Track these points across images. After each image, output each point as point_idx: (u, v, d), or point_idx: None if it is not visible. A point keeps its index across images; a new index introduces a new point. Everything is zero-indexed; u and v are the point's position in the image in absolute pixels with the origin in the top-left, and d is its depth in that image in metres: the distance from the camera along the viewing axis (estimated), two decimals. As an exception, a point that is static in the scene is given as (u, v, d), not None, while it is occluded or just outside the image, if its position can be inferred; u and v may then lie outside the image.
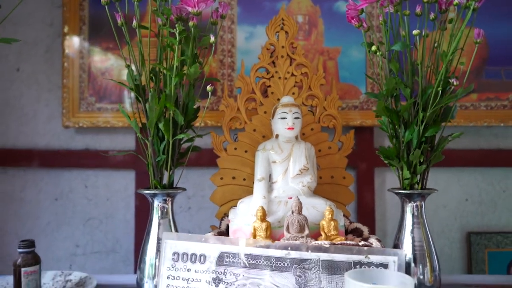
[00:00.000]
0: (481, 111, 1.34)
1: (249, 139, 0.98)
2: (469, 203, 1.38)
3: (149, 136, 0.79)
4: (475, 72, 1.34)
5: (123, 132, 1.36)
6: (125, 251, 1.36)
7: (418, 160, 0.79)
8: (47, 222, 1.36)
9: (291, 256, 0.70)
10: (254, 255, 0.71)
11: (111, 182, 1.37)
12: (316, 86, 0.99)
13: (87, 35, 1.33)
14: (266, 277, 0.70)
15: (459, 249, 1.37)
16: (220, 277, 0.71)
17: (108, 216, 1.37)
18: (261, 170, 0.88)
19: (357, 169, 1.34)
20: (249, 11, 1.34)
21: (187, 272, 0.71)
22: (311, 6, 1.35)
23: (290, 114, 0.88)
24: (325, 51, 1.33)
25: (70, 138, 1.36)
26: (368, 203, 1.33)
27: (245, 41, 1.33)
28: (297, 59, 1.00)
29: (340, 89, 1.32)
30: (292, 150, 0.88)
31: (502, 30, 1.34)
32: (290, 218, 0.79)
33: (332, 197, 0.92)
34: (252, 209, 0.82)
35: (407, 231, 0.83)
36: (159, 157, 0.80)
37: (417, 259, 0.81)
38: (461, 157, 1.37)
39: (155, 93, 0.76)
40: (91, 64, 1.33)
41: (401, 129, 0.80)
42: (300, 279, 0.70)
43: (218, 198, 0.97)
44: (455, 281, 1.05)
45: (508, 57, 1.34)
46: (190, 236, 0.72)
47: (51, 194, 1.36)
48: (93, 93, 1.33)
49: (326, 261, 0.70)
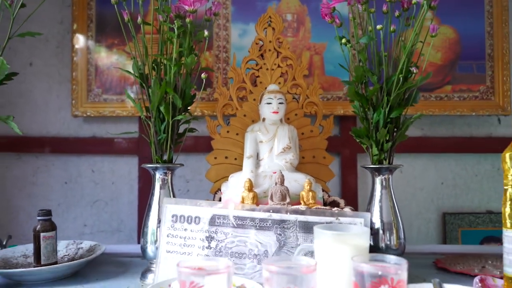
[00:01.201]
0: (454, 101, 1.46)
1: (240, 123, 1.10)
2: (444, 186, 1.50)
3: (152, 118, 0.92)
4: (449, 65, 1.46)
5: (127, 121, 1.49)
6: (129, 230, 1.48)
7: (384, 138, 0.91)
8: (58, 203, 1.48)
9: (273, 218, 0.83)
10: (241, 217, 0.83)
11: (116, 167, 1.49)
12: (300, 76, 1.12)
13: (94, 32, 1.45)
14: (251, 235, 0.82)
15: (435, 228, 1.50)
16: (212, 236, 0.83)
17: (113, 198, 1.49)
18: (249, 148, 1.00)
19: (341, 154, 1.47)
20: (242, 10, 1.46)
21: (184, 231, 0.84)
22: (299, 5, 1.47)
23: (275, 100, 1.00)
24: (312, 46, 1.45)
25: (79, 127, 1.49)
26: (351, 186, 1.45)
27: (238, 37, 1.45)
28: (283, 53, 1.12)
29: (325, 81, 1.44)
30: (277, 131, 1.01)
31: (473, 27, 1.46)
32: (273, 189, 0.91)
33: (313, 174, 1.04)
34: (241, 181, 0.94)
35: (376, 201, 0.95)
36: (160, 135, 0.92)
37: (385, 226, 0.93)
38: (437, 144, 1.49)
39: (157, 80, 0.88)
40: (98, 58, 1.46)
41: (370, 111, 0.92)
42: (280, 237, 0.82)
43: (212, 175, 1.09)
44: (420, 250, 1.18)
45: (479, 52, 1.46)
46: (187, 201, 0.85)
47: (61, 178, 1.49)
48: (100, 85, 1.46)
49: (302, 222, 0.82)
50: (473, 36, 1.46)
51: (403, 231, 0.95)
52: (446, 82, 1.46)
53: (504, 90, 1.44)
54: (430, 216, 1.50)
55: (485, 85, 1.45)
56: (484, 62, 1.46)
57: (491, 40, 1.46)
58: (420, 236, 1.48)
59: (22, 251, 1.04)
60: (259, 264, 0.81)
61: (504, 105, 1.44)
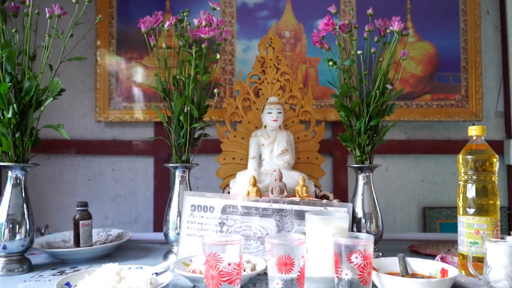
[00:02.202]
0: (433, 108, 1.65)
1: (245, 129, 1.29)
2: (425, 184, 1.70)
3: (173, 125, 1.11)
4: (428, 77, 1.66)
5: (144, 125, 1.68)
6: (145, 221, 1.67)
7: (365, 142, 1.10)
8: (82, 198, 1.66)
9: (273, 207, 1.02)
10: (247, 207, 1.02)
11: (134, 167, 1.69)
12: (296, 89, 1.31)
13: (115, 47, 1.65)
14: (255, 222, 1.02)
15: (416, 221, 1.69)
16: (224, 222, 1.02)
17: (131, 194, 1.68)
18: (253, 151, 1.20)
19: (333, 156, 1.66)
20: (246, 28, 1.66)
21: (201, 218, 1.03)
22: (296, 24, 1.66)
23: (275, 110, 1.20)
24: (308, 60, 1.65)
25: (101, 131, 1.68)
26: (342, 182, 1.64)
27: (242, 52, 1.65)
28: (282, 69, 1.31)
29: (319, 91, 1.63)
30: (276, 136, 1.20)
31: (450, 42, 1.66)
32: (273, 184, 1.10)
33: (307, 172, 1.24)
34: (247, 178, 1.13)
35: (359, 194, 1.14)
36: (179, 140, 1.11)
37: (366, 215, 1.12)
38: (419, 146, 1.69)
39: (178, 94, 1.07)
40: (118, 70, 1.65)
41: (353, 120, 1.12)
42: (279, 222, 1.01)
43: (221, 173, 1.28)
44: (399, 237, 1.37)
45: (454, 64, 1.65)
46: (203, 193, 1.04)
47: (85, 176, 1.68)
48: (120, 94, 1.65)
49: (297, 211, 1.02)
50: (450, 50, 1.66)
51: (382, 220, 1.14)
52: (426, 91, 1.66)
53: (477, 98, 1.64)
54: (412, 210, 1.69)
55: (460, 94, 1.65)
56: (459, 74, 1.65)
57: (466, 54, 1.65)
58: (403, 228, 1.68)
59: (61, 237, 1.23)
60: (262, 244, 1.00)
61: (477, 112, 1.64)
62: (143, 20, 1.07)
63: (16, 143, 0.99)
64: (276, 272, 0.74)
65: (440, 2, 1.66)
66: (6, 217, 0.98)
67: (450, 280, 0.77)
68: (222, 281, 0.73)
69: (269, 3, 1.66)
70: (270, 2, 1.66)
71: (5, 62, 0.95)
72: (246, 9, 1.66)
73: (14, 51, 0.96)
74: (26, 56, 0.99)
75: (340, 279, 0.76)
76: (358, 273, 0.75)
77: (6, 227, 0.97)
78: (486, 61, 1.70)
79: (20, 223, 0.99)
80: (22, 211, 1.00)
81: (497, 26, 1.72)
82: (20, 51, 1.00)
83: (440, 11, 1.66)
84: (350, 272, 0.75)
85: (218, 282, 0.73)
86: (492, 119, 1.70)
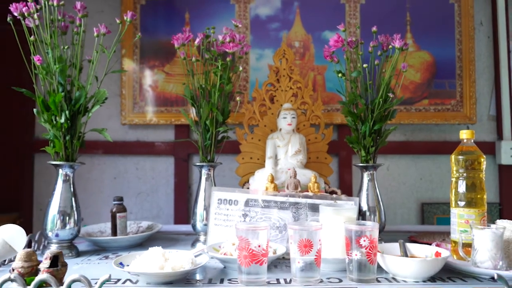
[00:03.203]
0: (431, 113, 1.80)
1: (261, 132, 1.44)
2: (423, 181, 1.85)
3: (200, 129, 1.26)
4: (426, 83, 1.81)
5: (164, 128, 1.83)
6: (166, 216, 1.82)
7: (370, 144, 1.25)
8: (108, 195, 1.82)
9: (289, 201, 1.17)
10: (267, 200, 1.17)
11: (156, 165, 1.84)
12: (307, 96, 1.46)
13: (139, 56, 1.79)
14: (274, 213, 1.16)
15: (415, 215, 1.84)
16: (247, 213, 1.17)
17: (153, 190, 1.83)
18: (270, 151, 1.34)
19: (339, 155, 1.81)
20: (259, 39, 1.80)
21: (226, 210, 1.18)
22: (305, 35, 1.81)
23: (289, 115, 1.35)
24: (315, 68, 1.80)
25: (125, 133, 1.83)
26: (347, 181, 1.79)
27: (256, 60, 1.79)
28: (294, 77, 1.46)
29: (326, 96, 1.78)
30: (290, 138, 1.35)
31: (446, 52, 1.81)
32: (289, 181, 1.25)
33: (317, 171, 1.38)
34: (265, 176, 1.28)
35: (364, 190, 1.28)
36: (206, 142, 1.26)
37: (370, 209, 1.26)
38: (417, 147, 1.84)
39: (205, 102, 1.22)
40: (142, 77, 1.80)
41: (359, 124, 1.26)
42: (295, 214, 1.16)
43: (240, 171, 1.43)
44: (400, 229, 1.52)
45: (450, 72, 1.80)
46: (228, 189, 1.19)
47: (111, 174, 1.83)
48: (143, 99, 1.80)
49: (311, 204, 1.16)
50: (446, 59, 1.81)
51: (384, 213, 1.28)
52: (424, 97, 1.81)
53: (471, 103, 1.79)
54: (411, 205, 1.84)
55: (455, 99, 1.80)
56: (455, 81, 1.80)
57: (460, 63, 1.80)
58: (403, 221, 1.83)
59: (98, 228, 1.37)
60: (280, 233, 1.15)
61: (471, 116, 1.79)
62: (176, 37, 1.22)
63: (66, 144, 1.14)
64: (297, 253, 0.89)
65: (436, 15, 1.81)
66: (58, 209, 1.13)
67: (442, 259, 0.92)
68: (252, 260, 0.88)
69: (280, 15, 1.81)
70: (281, 14, 1.81)
71: (58, 75, 1.10)
72: (259, 21, 1.81)
73: (66, 65, 1.10)
74: (76, 69, 1.14)
75: (350, 259, 0.91)
76: (366, 254, 0.89)
77: (58, 218, 1.12)
78: (479, 69, 1.85)
79: (69, 214, 1.14)
80: (71, 204, 1.15)
81: (489, 37, 1.87)
82: (70, 64, 1.14)
83: (437, 22, 1.81)
84: (359, 253, 0.90)
85: (249, 261, 0.88)
86: (485, 122, 1.85)
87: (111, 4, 1.85)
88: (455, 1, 1.81)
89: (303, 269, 0.89)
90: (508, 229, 0.99)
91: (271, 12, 1.82)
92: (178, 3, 1.80)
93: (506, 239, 0.98)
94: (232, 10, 1.80)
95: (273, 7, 1.82)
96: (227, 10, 1.80)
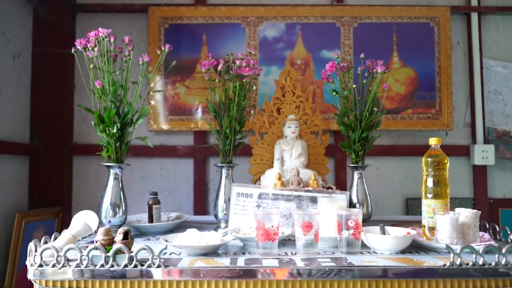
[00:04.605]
0: (414, 120, 2.09)
1: (270, 138, 1.73)
2: (408, 180, 2.14)
3: (221, 136, 1.55)
4: (410, 95, 2.10)
5: (185, 134, 2.12)
6: (186, 210, 2.11)
7: (359, 149, 1.54)
8: (137, 192, 2.11)
9: (294, 194, 1.46)
10: (276, 194, 1.46)
11: (177, 166, 2.13)
12: (308, 108, 1.75)
13: (163, 72, 2.09)
14: (281, 204, 1.45)
15: (400, 209, 2.13)
16: (260, 204, 1.46)
17: (175, 188, 2.12)
18: (277, 154, 1.64)
19: (335, 157, 2.10)
20: (266, 57, 2.10)
21: (243, 202, 1.47)
22: (306, 53, 2.10)
23: (293, 125, 1.64)
24: (315, 82, 2.09)
25: (151, 138, 2.12)
26: (342, 179, 2.09)
27: (264, 76, 2.09)
28: (297, 93, 1.76)
29: (324, 107, 2.07)
30: (294, 144, 1.64)
31: (427, 68, 2.10)
32: (293, 179, 1.54)
33: (316, 170, 1.67)
34: (273, 174, 1.57)
35: (354, 186, 1.58)
36: (226, 147, 1.55)
37: (359, 201, 1.56)
38: (403, 150, 2.13)
39: (226, 114, 1.51)
40: (166, 90, 2.09)
41: (350, 132, 1.56)
42: (298, 204, 1.45)
43: (252, 171, 1.72)
44: (385, 218, 1.81)
45: (431, 86, 2.09)
46: (245, 185, 1.48)
47: (139, 174, 2.12)
48: (167, 109, 2.09)
49: (311, 197, 1.46)
50: (427, 74, 2.10)
51: (371, 205, 1.57)
52: (408, 106, 2.10)
53: (449, 112, 2.08)
54: (397, 200, 2.13)
55: (435, 109, 2.09)
56: (435, 93, 2.09)
57: (439, 77, 2.09)
58: (390, 214, 2.12)
59: (135, 218, 1.66)
60: (287, 220, 1.44)
61: (448, 123, 2.08)
62: (203, 63, 1.51)
63: (117, 149, 1.43)
64: (301, 233, 1.18)
65: (419, 36, 2.10)
66: (110, 202, 1.42)
67: (410, 236, 1.21)
68: (267, 237, 1.17)
69: (284, 37, 2.11)
70: (285, 36, 2.11)
71: (112, 95, 1.39)
72: (267, 41, 2.10)
73: (117, 88, 1.40)
74: (124, 90, 1.43)
75: (341, 237, 1.20)
76: (352, 233, 1.19)
77: (110, 208, 1.41)
78: (456, 82, 2.14)
79: (119, 205, 1.43)
80: (120, 197, 1.44)
81: (465, 54, 2.17)
82: (119, 86, 1.43)
83: (419, 43, 2.11)
84: (347, 232, 1.19)
85: (264, 238, 1.17)
86: (461, 128, 2.14)
87: (139, 27, 2.14)
88: (434, 24, 2.10)
89: (305, 245, 1.18)
90: (462, 215, 1.28)
91: (277, 34, 2.11)
92: (196, 27, 2.10)
93: (461, 223, 1.27)
94: (243, 32, 2.10)
95: (278, 30, 2.11)
96: (239, 32, 2.10)
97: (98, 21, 2.13)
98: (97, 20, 2.14)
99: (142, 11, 2.12)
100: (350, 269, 1.05)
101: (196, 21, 2.10)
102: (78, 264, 1.03)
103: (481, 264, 1.06)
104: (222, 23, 2.10)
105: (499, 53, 2.17)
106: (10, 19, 1.87)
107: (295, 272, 1.04)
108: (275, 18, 2.11)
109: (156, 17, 2.09)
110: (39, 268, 1.03)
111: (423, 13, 2.10)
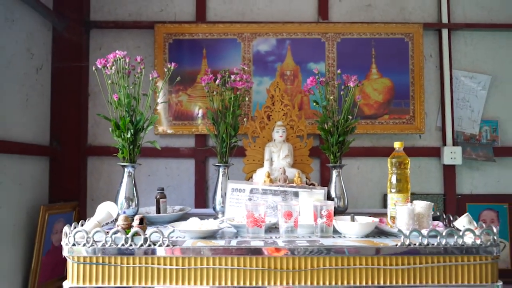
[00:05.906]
0: (391, 125, 2.36)
1: (261, 141, 2.00)
2: (385, 178, 2.38)
3: (218, 140, 1.81)
4: (387, 103, 2.36)
5: (187, 137, 2.38)
6: (188, 205, 2.36)
7: (336, 151, 1.81)
8: (144, 188, 2.38)
9: (280, 189, 1.72)
10: (265, 189, 1.73)
11: (180, 166, 2.39)
12: (294, 115, 2.01)
13: (168, 81, 2.35)
14: (269, 198, 1.72)
15: (379, 204, 2.39)
16: (251, 198, 1.72)
17: (179, 185, 2.39)
18: (267, 155, 1.90)
19: (321, 158, 2.36)
20: (259, 68, 2.36)
21: (237, 196, 1.73)
22: (294, 65, 2.37)
23: (281, 130, 1.90)
24: (302, 91, 2.35)
25: (157, 140, 2.37)
26: (327, 177, 2.35)
27: (256, 85, 2.35)
28: (285, 102, 2.02)
29: (311, 112, 2.33)
30: (281, 146, 1.91)
31: (402, 78, 2.36)
32: (280, 176, 1.81)
33: (301, 169, 1.94)
34: (263, 172, 1.84)
35: (333, 182, 1.84)
36: (222, 149, 1.81)
37: (337, 196, 1.82)
38: (381, 151, 2.39)
39: (223, 121, 1.78)
40: (170, 98, 2.35)
41: (329, 136, 1.82)
42: (283, 198, 1.72)
43: (246, 169, 1.99)
44: (362, 211, 2.07)
45: (405, 94, 2.36)
46: (239, 181, 1.74)
47: (146, 172, 2.39)
48: (171, 114, 2.35)
49: (294, 192, 1.72)
50: (402, 84, 2.36)
51: (347, 199, 1.84)
52: (385, 113, 2.36)
53: (421, 118, 2.34)
54: (376, 196, 2.40)
55: (409, 115, 2.35)
56: (409, 101, 2.35)
57: (413, 87, 2.35)
58: (369, 208, 2.38)
59: (145, 210, 1.93)
60: (274, 211, 1.70)
61: (421, 127, 2.34)
62: (203, 78, 1.78)
63: (130, 151, 1.69)
64: (283, 220, 1.45)
65: (395, 50, 2.37)
66: (124, 196, 1.68)
67: (373, 223, 1.48)
68: (255, 224, 1.43)
69: (275, 51, 2.37)
70: (276, 50, 2.37)
71: (126, 106, 1.66)
72: (260, 55, 2.37)
73: (131, 99, 1.66)
74: (136, 101, 1.69)
75: (316, 224, 1.47)
76: (325, 221, 1.45)
77: (125, 201, 1.68)
78: (428, 91, 2.40)
79: (132, 199, 1.69)
80: (133, 192, 1.70)
81: (437, 66, 2.43)
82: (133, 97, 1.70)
83: (395, 56, 2.37)
84: (321, 220, 1.45)
85: (253, 225, 1.43)
86: (433, 132, 2.41)
87: (147, 42, 2.41)
88: (409, 39, 2.37)
89: (286, 230, 1.44)
90: (418, 206, 1.54)
91: (269, 48, 2.37)
92: (197, 42, 2.36)
93: (417, 213, 1.53)
94: (239, 46, 2.36)
95: (270, 44, 2.37)
96: (235, 47, 2.36)
97: (111, 37, 2.40)
98: (110, 36, 2.40)
99: (149, 28, 2.38)
100: (319, 248, 1.31)
101: (197, 36, 2.36)
102: (103, 244, 1.29)
103: (425, 244, 1.32)
104: (220, 38, 2.36)
105: (467, 65, 2.43)
106: (34, 36, 2.13)
107: (275, 250, 1.30)
108: (267, 34, 2.37)
109: (161, 33, 2.35)
110: (73, 247, 1.29)
111: (399, 30, 2.36)
